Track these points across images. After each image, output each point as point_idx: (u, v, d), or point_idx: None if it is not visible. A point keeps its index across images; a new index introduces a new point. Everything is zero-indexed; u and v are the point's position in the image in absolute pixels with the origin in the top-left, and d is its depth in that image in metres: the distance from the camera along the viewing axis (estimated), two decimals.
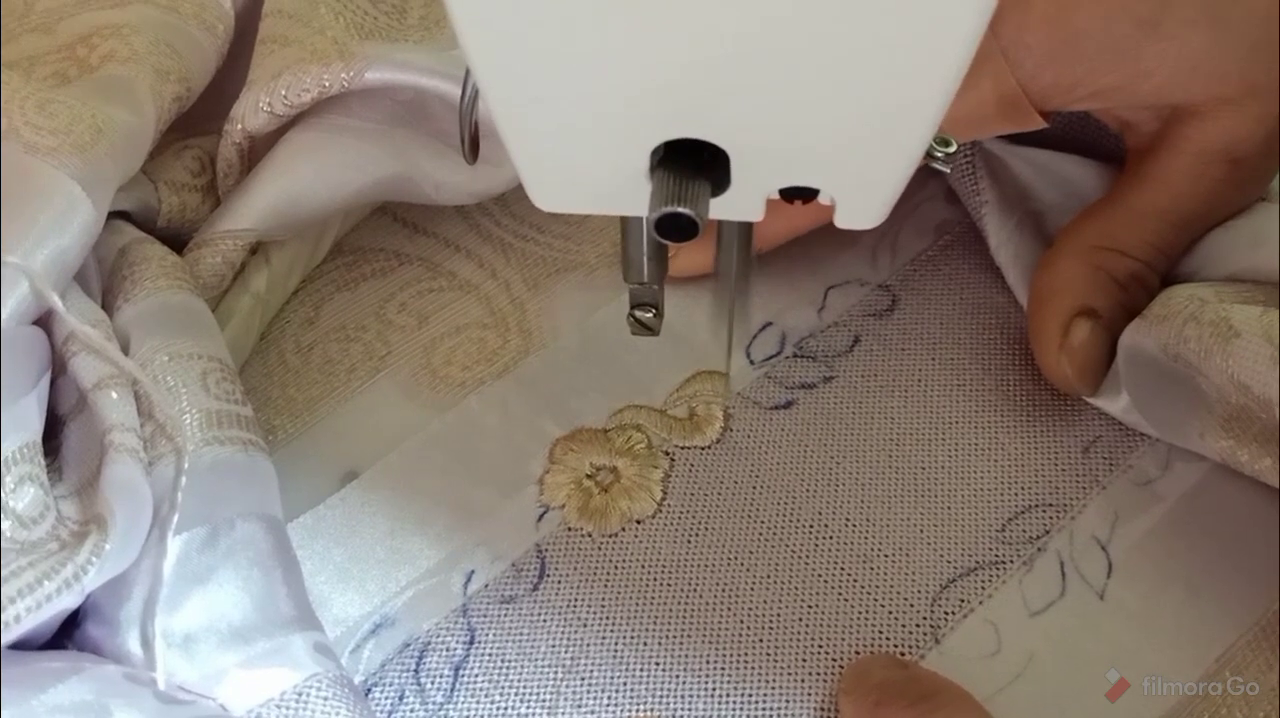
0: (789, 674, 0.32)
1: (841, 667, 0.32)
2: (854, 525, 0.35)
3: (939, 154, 0.38)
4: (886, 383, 0.38)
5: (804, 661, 0.32)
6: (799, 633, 0.33)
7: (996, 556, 0.34)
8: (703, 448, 0.37)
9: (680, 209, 0.22)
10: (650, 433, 0.37)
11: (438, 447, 0.37)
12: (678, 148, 0.22)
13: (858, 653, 0.32)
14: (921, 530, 0.35)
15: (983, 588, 0.33)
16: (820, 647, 0.32)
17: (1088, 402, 0.36)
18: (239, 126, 0.38)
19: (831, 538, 0.34)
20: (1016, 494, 0.35)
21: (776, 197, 0.24)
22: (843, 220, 0.24)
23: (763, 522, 0.35)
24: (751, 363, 0.38)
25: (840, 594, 0.33)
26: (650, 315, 0.33)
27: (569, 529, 0.35)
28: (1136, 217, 0.35)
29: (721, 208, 0.24)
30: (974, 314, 0.39)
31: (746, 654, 0.32)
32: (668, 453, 0.36)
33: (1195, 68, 0.33)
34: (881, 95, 0.20)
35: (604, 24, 0.19)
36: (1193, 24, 0.32)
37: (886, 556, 0.34)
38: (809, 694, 0.32)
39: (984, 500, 0.35)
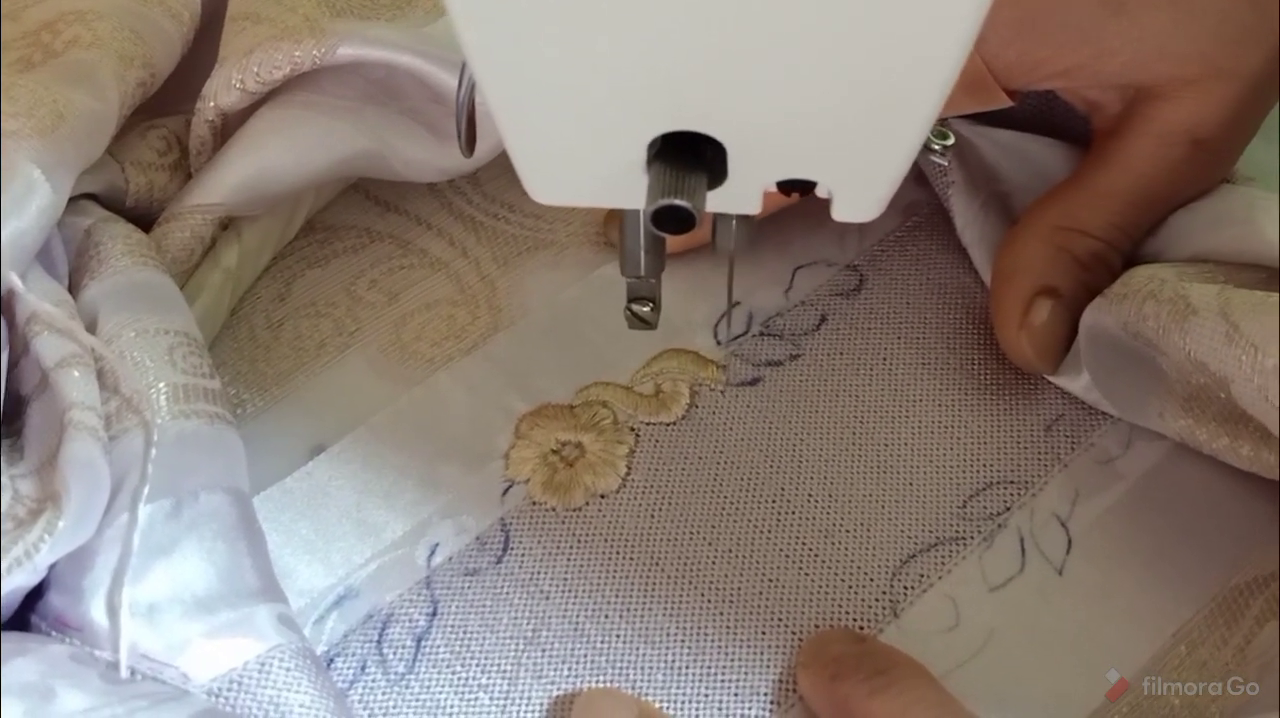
0: (748, 648, 0.32)
1: (801, 641, 0.32)
2: (816, 501, 0.35)
3: (936, 147, 0.38)
4: (852, 361, 0.38)
5: (763, 634, 0.32)
6: (759, 607, 0.33)
7: (957, 531, 0.34)
8: (668, 424, 0.37)
9: (677, 202, 0.22)
10: (616, 409, 0.37)
11: (405, 421, 0.37)
12: (675, 140, 0.22)
13: (817, 627, 0.33)
14: (883, 506, 0.35)
15: (943, 563, 0.34)
16: (780, 621, 0.33)
17: (1051, 380, 0.36)
18: (211, 104, 0.38)
19: (794, 513, 0.35)
20: (979, 471, 0.35)
21: (774, 189, 0.24)
22: (840, 213, 0.24)
23: (726, 497, 0.35)
24: (719, 342, 0.39)
25: (801, 569, 0.34)
26: (647, 309, 0.33)
27: (534, 503, 0.35)
28: (1099, 197, 0.35)
29: (718, 200, 0.24)
30: (940, 294, 0.39)
31: (706, 628, 0.33)
32: (633, 429, 0.37)
33: (1158, 48, 0.33)
34: (880, 88, 0.20)
35: (602, 17, 0.19)
36: (1155, 5, 0.32)
37: (848, 531, 0.34)
38: (768, 668, 0.32)
39: (946, 477, 0.35)
